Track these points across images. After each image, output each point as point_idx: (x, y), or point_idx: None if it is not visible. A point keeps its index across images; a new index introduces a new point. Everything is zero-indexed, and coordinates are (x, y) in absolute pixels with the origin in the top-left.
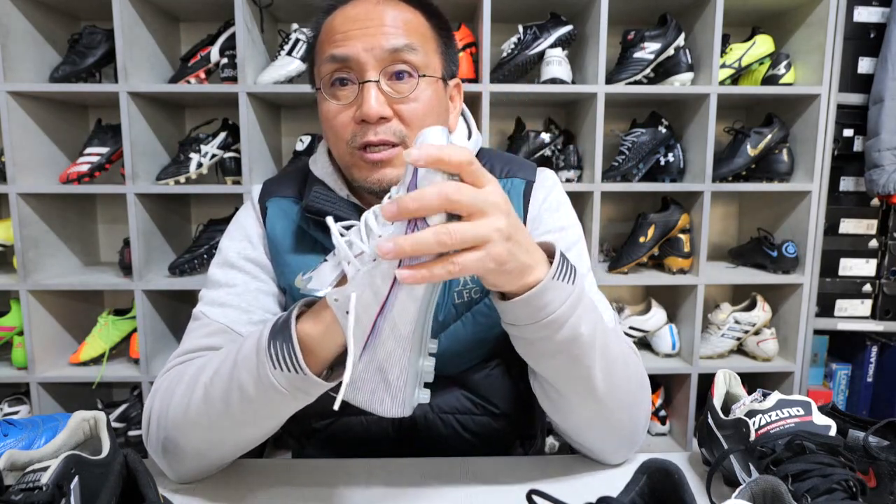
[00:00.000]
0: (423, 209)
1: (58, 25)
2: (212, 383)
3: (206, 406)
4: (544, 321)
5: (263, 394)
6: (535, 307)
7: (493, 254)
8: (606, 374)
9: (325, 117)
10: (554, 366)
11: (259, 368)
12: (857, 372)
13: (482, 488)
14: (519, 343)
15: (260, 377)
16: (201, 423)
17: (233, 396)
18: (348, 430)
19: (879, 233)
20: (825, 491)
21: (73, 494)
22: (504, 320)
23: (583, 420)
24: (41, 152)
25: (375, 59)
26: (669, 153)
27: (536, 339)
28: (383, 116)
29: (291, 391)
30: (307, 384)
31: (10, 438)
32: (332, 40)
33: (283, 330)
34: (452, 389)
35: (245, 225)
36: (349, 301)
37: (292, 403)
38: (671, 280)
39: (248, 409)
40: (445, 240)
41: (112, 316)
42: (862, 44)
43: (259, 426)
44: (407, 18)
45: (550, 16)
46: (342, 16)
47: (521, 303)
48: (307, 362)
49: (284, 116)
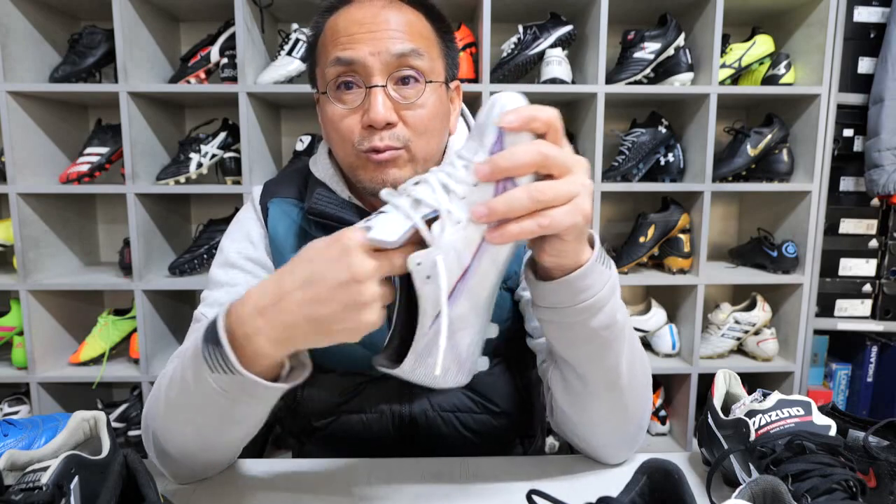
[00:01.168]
0: (518, 167)
1: (58, 25)
2: (170, 386)
3: (169, 410)
4: (584, 304)
5: (209, 399)
6: (578, 289)
7: (581, 208)
8: (629, 365)
9: (330, 120)
10: (585, 352)
11: (199, 374)
12: (857, 372)
13: (482, 488)
14: (553, 328)
15: (201, 382)
16: (171, 427)
17: (186, 401)
18: (349, 429)
19: (879, 233)
20: (825, 491)
21: (73, 494)
22: (541, 304)
23: (599, 413)
24: (41, 152)
25: (382, 64)
26: (669, 153)
27: (574, 323)
28: (390, 122)
29: (235, 394)
30: (246, 386)
31: (10, 438)
32: (337, 43)
33: (212, 330)
34: (453, 387)
35: (246, 225)
36: (435, 266)
37: (243, 407)
38: (671, 280)
39: (202, 413)
40: (539, 196)
41: (112, 316)
42: (862, 44)
43: (227, 430)
44: (411, 22)
45: (550, 16)
46: (346, 17)
47: (566, 283)
48: (251, 364)
49: (284, 116)
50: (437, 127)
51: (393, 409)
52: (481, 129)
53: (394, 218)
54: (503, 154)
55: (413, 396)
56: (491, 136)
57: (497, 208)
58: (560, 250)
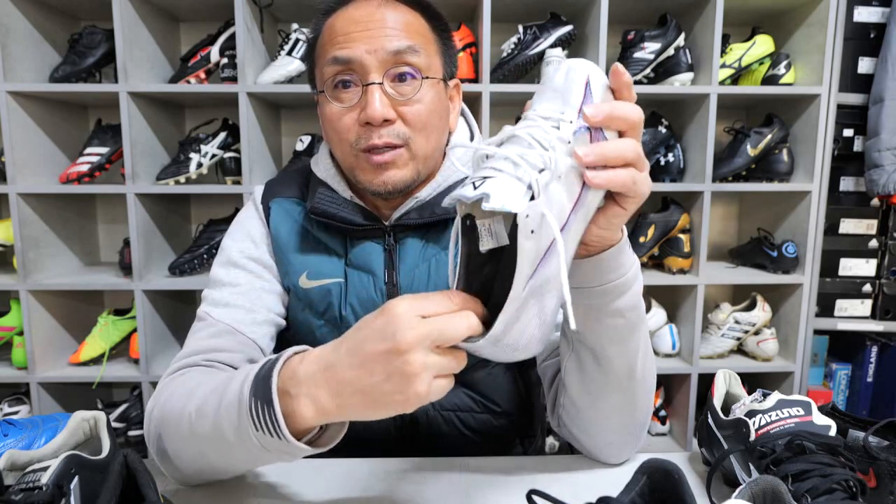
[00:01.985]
0: (626, 119)
1: (58, 25)
2: (198, 419)
3: (192, 439)
4: (614, 283)
5: (245, 448)
6: (610, 267)
7: (648, 179)
8: (644, 356)
9: (328, 119)
10: (610, 335)
11: (241, 425)
12: (857, 372)
13: (482, 488)
14: (580, 311)
15: (241, 434)
16: (189, 451)
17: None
18: (349, 429)
19: (879, 233)
20: (825, 491)
21: (73, 494)
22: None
23: (611, 404)
24: (41, 152)
25: (378, 61)
26: (669, 153)
27: (602, 303)
28: (387, 119)
29: (274, 452)
30: (292, 449)
31: (10, 438)
32: (335, 42)
33: (264, 388)
34: (454, 387)
35: (247, 225)
36: (543, 218)
37: (275, 460)
38: (671, 280)
39: (229, 453)
40: (638, 150)
41: (112, 316)
42: (862, 44)
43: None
44: (408, 20)
45: (550, 16)
46: (343, 17)
47: (599, 261)
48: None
49: (284, 116)
50: (436, 123)
51: None
52: (562, 91)
53: (505, 182)
54: (616, 104)
55: None
56: (577, 95)
57: (605, 150)
58: (613, 222)
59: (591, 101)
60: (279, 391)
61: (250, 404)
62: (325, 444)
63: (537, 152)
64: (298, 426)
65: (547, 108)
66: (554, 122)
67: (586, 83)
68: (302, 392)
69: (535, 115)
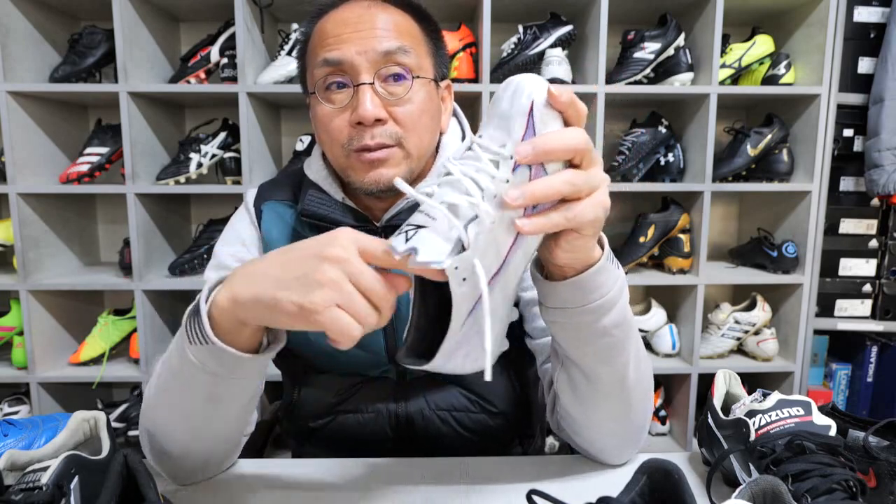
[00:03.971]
0: (565, 149)
1: (58, 25)
2: (160, 373)
3: (158, 394)
4: (595, 304)
5: (189, 373)
6: (590, 288)
7: (602, 200)
8: (636, 363)
9: (320, 121)
10: (595, 352)
11: (181, 348)
12: (857, 372)
13: (482, 488)
14: (562, 329)
15: (182, 359)
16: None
17: (172, 382)
18: (346, 429)
19: (879, 233)
20: (825, 491)
21: (73, 494)
22: (551, 305)
23: (605, 413)
24: (41, 152)
25: (369, 62)
26: (669, 153)
27: (584, 323)
28: (379, 118)
29: (212, 367)
30: (223, 357)
31: (10, 438)
32: (325, 44)
33: (195, 302)
34: (450, 387)
35: (239, 229)
36: (473, 269)
37: (222, 382)
38: (671, 280)
39: (186, 394)
40: (576, 180)
41: (112, 316)
42: (862, 44)
43: (209, 413)
44: (397, 21)
45: (550, 16)
46: (333, 20)
47: (578, 282)
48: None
49: (284, 116)
50: (427, 123)
51: (389, 409)
52: (507, 119)
53: (434, 235)
54: (548, 137)
55: (409, 396)
56: (519, 126)
57: (535, 193)
58: (576, 245)
59: (532, 132)
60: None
61: (185, 323)
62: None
63: (470, 200)
64: (234, 339)
65: (491, 139)
66: (495, 157)
67: (529, 111)
68: (224, 287)
69: (478, 146)
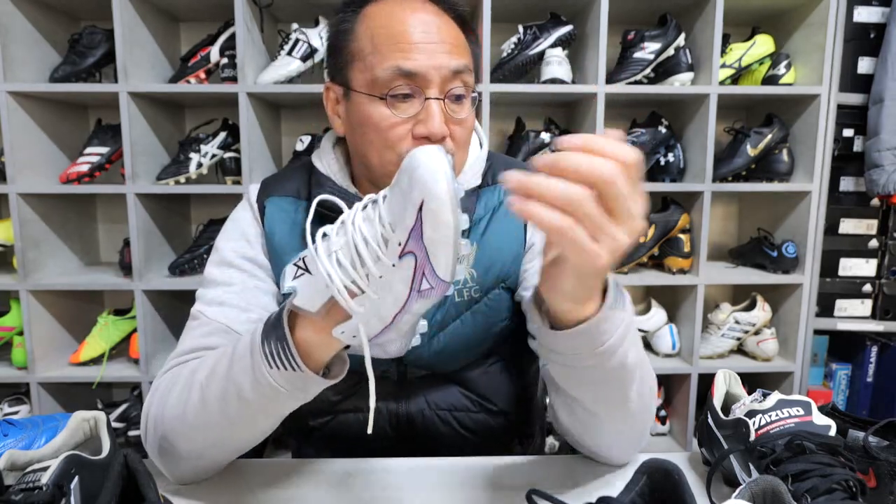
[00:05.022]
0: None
1: (58, 25)
2: (207, 385)
3: (203, 407)
4: (597, 351)
5: (260, 394)
6: (592, 336)
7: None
8: (639, 389)
9: (375, 124)
10: (594, 391)
11: (255, 369)
12: (857, 372)
13: (482, 488)
14: (561, 371)
15: (256, 377)
16: (198, 424)
17: (229, 397)
18: (346, 428)
19: (879, 233)
20: (825, 491)
21: (73, 494)
22: (552, 348)
23: (611, 436)
24: (41, 152)
25: (441, 77)
26: (669, 153)
27: (585, 367)
28: (444, 136)
29: (290, 390)
30: (306, 382)
31: (10, 438)
32: (397, 48)
33: (275, 328)
34: (450, 386)
35: (242, 224)
36: (358, 330)
37: (289, 402)
38: (671, 280)
39: (244, 408)
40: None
41: (112, 316)
42: (862, 44)
43: (256, 426)
44: (457, 35)
45: (550, 16)
46: (397, 19)
47: (578, 333)
48: (304, 362)
49: (284, 116)
50: (470, 140)
51: (389, 408)
52: (403, 201)
53: (311, 286)
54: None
55: (409, 395)
56: (410, 217)
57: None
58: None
59: (419, 230)
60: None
61: (263, 345)
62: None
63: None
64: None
65: (387, 212)
66: (387, 233)
67: (419, 208)
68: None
69: (376, 214)
